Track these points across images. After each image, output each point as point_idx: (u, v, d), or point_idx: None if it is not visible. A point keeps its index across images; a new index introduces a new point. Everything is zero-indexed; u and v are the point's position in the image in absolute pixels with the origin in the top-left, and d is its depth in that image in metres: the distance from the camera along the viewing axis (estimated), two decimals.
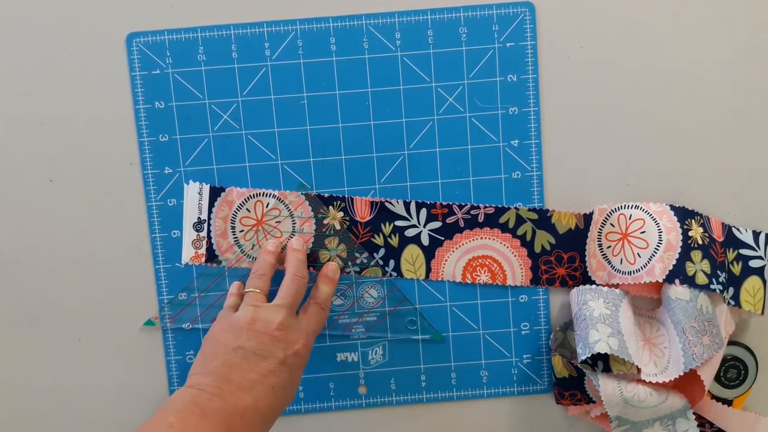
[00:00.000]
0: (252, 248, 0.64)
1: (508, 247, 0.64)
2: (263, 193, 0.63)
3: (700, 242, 0.61)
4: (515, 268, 0.65)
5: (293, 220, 0.64)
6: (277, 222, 0.64)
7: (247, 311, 0.57)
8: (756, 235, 0.64)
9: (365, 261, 0.64)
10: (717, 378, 0.63)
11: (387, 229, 0.64)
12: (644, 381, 0.60)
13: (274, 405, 0.55)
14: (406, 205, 0.64)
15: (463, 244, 0.64)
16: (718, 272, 0.61)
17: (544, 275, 0.64)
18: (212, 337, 0.56)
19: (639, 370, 0.60)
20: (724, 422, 0.65)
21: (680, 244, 0.60)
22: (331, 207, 0.64)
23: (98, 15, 0.62)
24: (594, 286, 0.62)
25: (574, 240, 0.64)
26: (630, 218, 0.62)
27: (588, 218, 0.64)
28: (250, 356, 0.55)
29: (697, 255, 0.60)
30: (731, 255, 0.63)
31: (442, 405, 0.66)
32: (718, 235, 0.63)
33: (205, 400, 0.52)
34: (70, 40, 0.62)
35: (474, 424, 0.67)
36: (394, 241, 0.64)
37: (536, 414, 0.67)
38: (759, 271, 0.63)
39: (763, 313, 0.64)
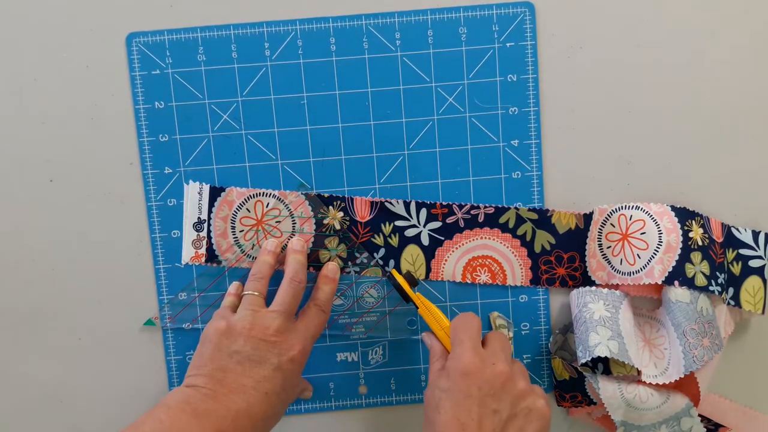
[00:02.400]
0: (252, 248, 0.64)
1: (508, 247, 0.64)
2: (263, 193, 0.63)
3: (700, 243, 0.61)
4: (515, 268, 0.65)
5: (293, 220, 0.64)
6: (277, 222, 0.64)
7: (245, 316, 0.57)
8: (755, 234, 0.64)
9: (365, 261, 0.64)
10: None
11: (387, 229, 0.64)
12: (644, 382, 0.60)
13: (267, 412, 0.55)
14: (406, 205, 0.64)
15: (463, 244, 0.64)
16: (717, 273, 0.61)
17: (544, 275, 0.64)
18: (209, 338, 0.56)
19: (639, 372, 0.60)
20: (723, 418, 0.65)
21: (680, 245, 0.60)
22: (331, 207, 0.64)
23: (98, 15, 0.62)
24: (594, 288, 0.62)
25: (574, 240, 0.64)
26: (630, 219, 0.62)
27: (588, 218, 0.64)
28: (245, 361, 0.55)
29: (696, 256, 0.60)
30: (731, 255, 0.63)
31: None
32: (718, 235, 0.63)
33: (198, 401, 0.52)
34: (70, 39, 0.62)
35: None
36: (394, 241, 0.64)
37: None
38: (759, 271, 0.63)
39: (763, 312, 0.64)
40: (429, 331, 0.60)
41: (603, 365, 0.62)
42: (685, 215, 0.61)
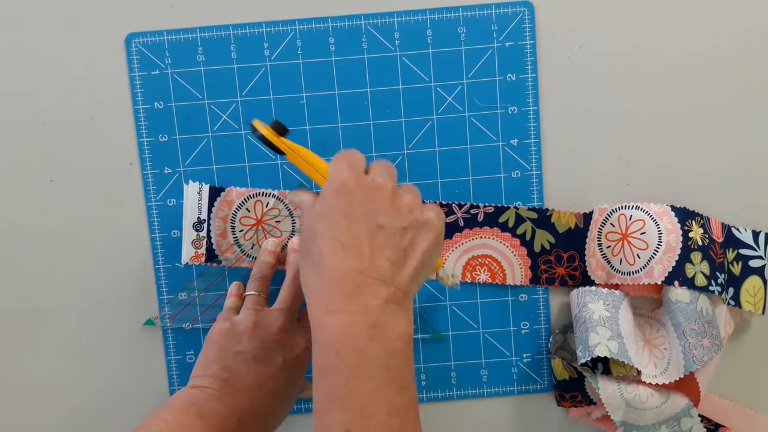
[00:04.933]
0: (252, 248, 0.64)
1: (507, 247, 0.64)
2: (263, 193, 0.64)
3: (700, 243, 0.61)
4: (515, 268, 0.65)
5: (293, 220, 0.64)
6: (276, 221, 0.64)
7: (248, 315, 0.57)
8: (756, 234, 0.64)
9: None
10: None
11: None
12: (644, 382, 0.60)
13: (273, 411, 0.55)
14: None
15: (462, 244, 0.64)
16: (717, 273, 0.61)
17: (543, 274, 0.64)
18: (213, 339, 0.56)
19: (639, 373, 0.60)
20: (723, 418, 0.65)
21: (680, 245, 0.60)
22: None
23: (98, 15, 0.62)
24: (594, 287, 0.62)
25: (574, 239, 0.64)
26: (630, 219, 0.62)
27: (588, 218, 0.64)
28: (250, 361, 0.55)
29: (696, 256, 0.60)
30: (731, 255, 0.63)
31: (442, 404, 0.66)
32: (718, 235, 0.63)
33: (203, 401, 0.52)
34: (70, 40, 0.62)
35: (474, 423, 0.67)
36: None
37: (536, 413, 0.67)
38: (759, 271, 0.63)
39: (763, 312, 0.64)
40: (296, 188, 0.56)
41: (603, 365, 0.62)
42: (685, 215, 0.61)
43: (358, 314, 0.45)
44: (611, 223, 0.63)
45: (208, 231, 0.64)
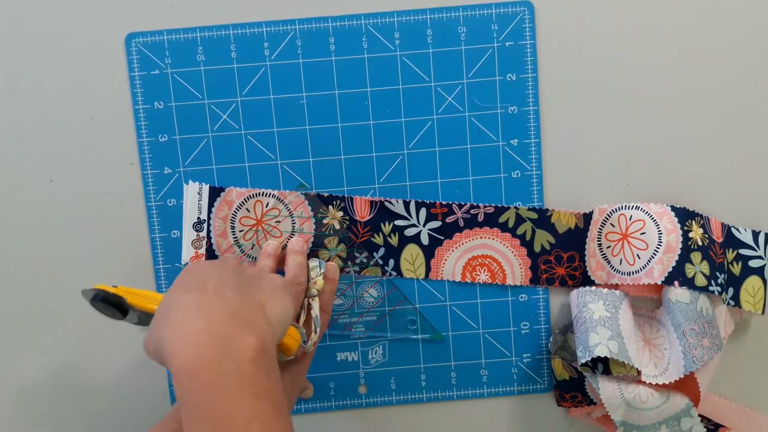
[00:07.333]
0: (252, 248, 0.64)
1: (507, 247, 0.64)
2: (263, 193, 0.63)
3: (700, 243, 0.61)
4: (515, 268, 0.65)
5: (293, 220, 0.64)
6: (276, 222, 0.64)
7: None
8: (755, 234, 0.64)
9: (365, 260, 0.64)
10: None
11: (387, 228, 0.64)
12: (644, 382, 0.60)
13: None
14: (406, 205, 0.64)
15: (462, 244, 0.64)
16: (717, 273, 0.61)
17: (543, 275, 0.64)
18: None
19: (639, 372, 0.60)
20: (723, 418, 0.65)
21: (680, 245, 0.60)
22: (330, 206, 0.64)
23: (98, 15, 0.62)
24: (594, 287, 0.62)
25: (574, 239, 0.64)
26: (630, 219, 0.62)
27: (588, 218, 0.64)
28: None
29: (696, 256, 0.60)
30: (731, 255, 0.63)
31: (442, 404, 0.66)
32: (718, 236, 0.63)
33: None
34: (70, 40, 0.62)
35: (474, 423, 0.67)
36: (394, 241, 0.64)
37: (536, 413, 0.67)
38: (759, 271, 0.63)
39: (763, 312, 0.64)
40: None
41: (603, 365, 0.62)
42: (685, 215, 0.61)
43: (205, 333, 0.45)
44: (611, 224, 0.63)
45: (208, 231, 0.64)
